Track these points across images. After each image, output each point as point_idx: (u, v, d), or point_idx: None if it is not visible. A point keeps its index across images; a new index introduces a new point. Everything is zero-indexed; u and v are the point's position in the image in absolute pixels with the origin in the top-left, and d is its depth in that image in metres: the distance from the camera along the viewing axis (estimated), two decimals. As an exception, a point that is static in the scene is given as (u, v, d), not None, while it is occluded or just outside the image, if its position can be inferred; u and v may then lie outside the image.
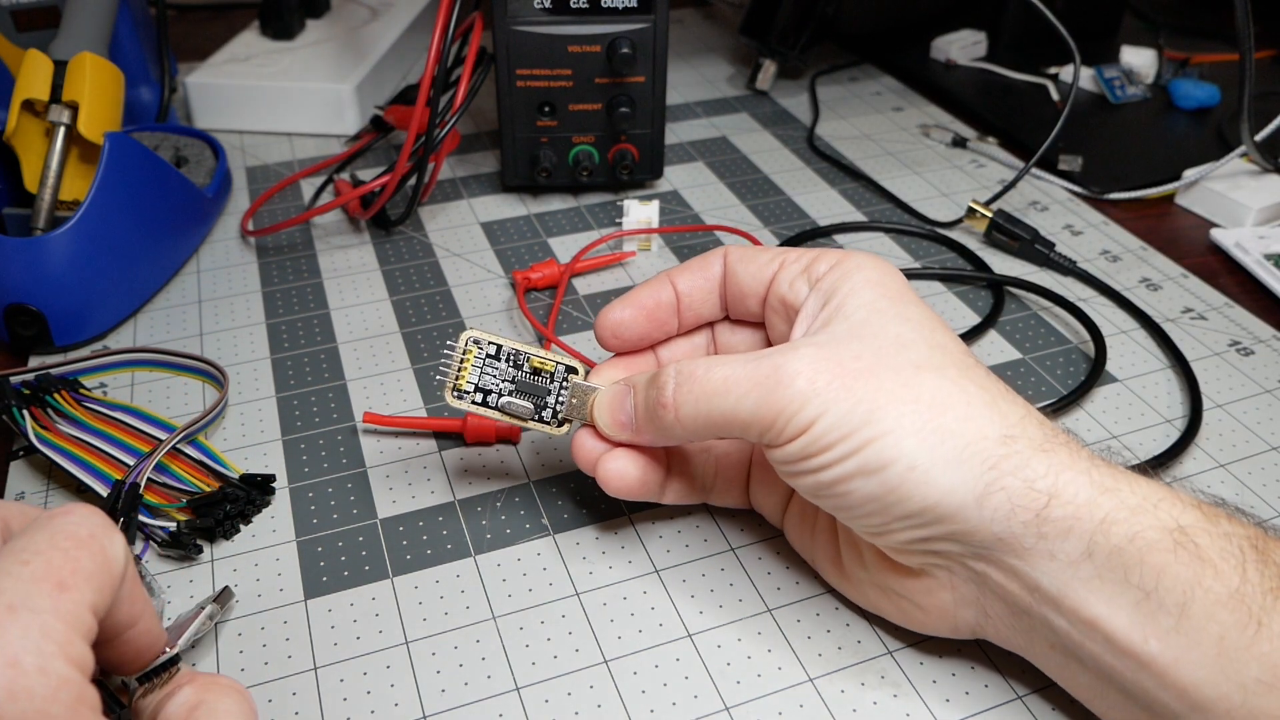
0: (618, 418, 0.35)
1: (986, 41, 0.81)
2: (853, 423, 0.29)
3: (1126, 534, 0.27)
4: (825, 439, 0.29)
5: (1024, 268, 0.55)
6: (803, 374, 0.30)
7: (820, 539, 0.36)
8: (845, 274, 0.33)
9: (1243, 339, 0.50)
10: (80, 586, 0.23)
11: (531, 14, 0.55)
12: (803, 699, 0.33)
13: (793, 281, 0.34)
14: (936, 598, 0.32)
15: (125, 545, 0.26)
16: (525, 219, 0.60)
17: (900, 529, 0.30)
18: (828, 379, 0.30)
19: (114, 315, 0.50)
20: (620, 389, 0.35)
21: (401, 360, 0.48)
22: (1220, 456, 0.42)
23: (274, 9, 0.74)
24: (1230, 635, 0.26)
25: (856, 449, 0.29)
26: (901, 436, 0.29)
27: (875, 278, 0.33)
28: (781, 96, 0.76)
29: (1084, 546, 0.28)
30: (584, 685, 0.33)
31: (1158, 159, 0.66)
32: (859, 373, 0.30)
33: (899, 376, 0.30)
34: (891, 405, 0.29)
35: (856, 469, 0.29)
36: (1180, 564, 0.27)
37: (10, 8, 0.59)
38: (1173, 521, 0.28)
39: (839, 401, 0.29)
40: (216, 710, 0.27)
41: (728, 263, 0.36)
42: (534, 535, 0.39)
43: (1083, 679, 0.30)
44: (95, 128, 0.49)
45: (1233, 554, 0.27)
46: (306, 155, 0.67)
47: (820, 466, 0.30)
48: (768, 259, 0.36)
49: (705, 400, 0.32)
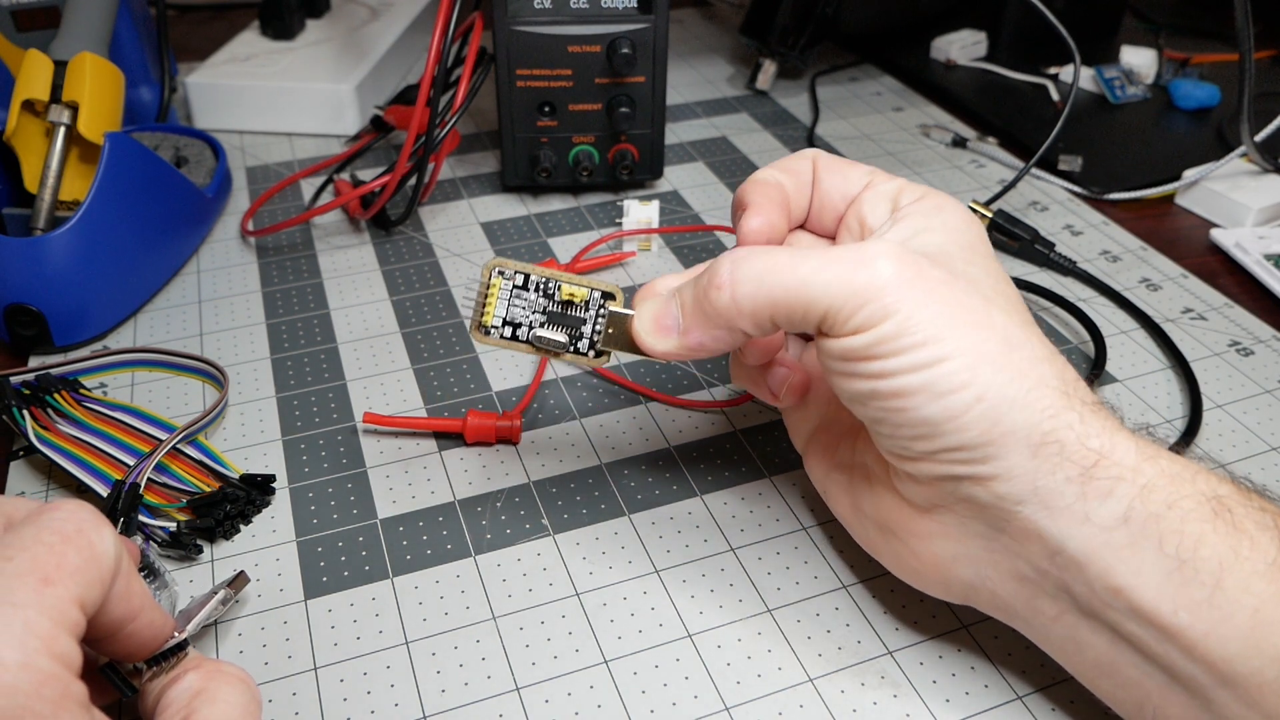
0: (662, 321, 0.32)
1: (986, 41, 0.81)
2: (929, 330, 0.27)
3: (1165, 501, 0.27)
4: (899, 340, 0.28)
5: (1024, 268, 0.55)
6: (889, 257, 0.28)
7: (837, 473, 0.35)
8: (930, 209, 0.32)
9: (1243, 339, 0.50)
10: (65, 581, 0.23)
11: (531, 14, 0.55)
12: (803, 699, 0.33)
13: (877, 202, 0.33)
14: (936, 546, 0.31)
15: (116, 540, 0.25)
16: (525, 219, 0.60)
17: (943, 459, 0.28)
18: (913, 274, 0.28)
19: (114, 315, 0.50)
20: (663, 297, 0.32)
21: (401, 360, 0.48)
22: (1220, 456, 0.42)
23: (274, 9, 0.74)
24: (1266, 608, 0.26)
25: (926, 364, 0.27)
26: (978, 362, 0.27)
27: (957, 222, 0.32)
28: (781, 96, 0.76)
29: (1123, 511, 0.27)
30: (584, 685, 0.33)
31: (1158, 159, 0.66)
32: (940, 281, 0.28)
33: (972, 301, 0.29)
34: (969, 325, 0.28)
35: (922, 385, 0.27)
36: (1218, 534, 0.26)
37: (10, 8, 0.59)
38: (1211, 491, 0.27)
39: (921, 303, 0.28)
40: (217, 698, 0.27)
41: (816, 167, 0.35)
42: (534, 535, 0.39)
43: (1089, 654, 0.29)
44: (95, 128, 0.49)
45: (1268, 526, 0.27)
46: (306, 155, 0.67)
47: (883, 373, 0.28)
48: (858, 175, 0.34)
49: (770, 275, 0.29)
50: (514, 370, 0.47)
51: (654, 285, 0.34)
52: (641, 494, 0.40)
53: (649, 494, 0.40)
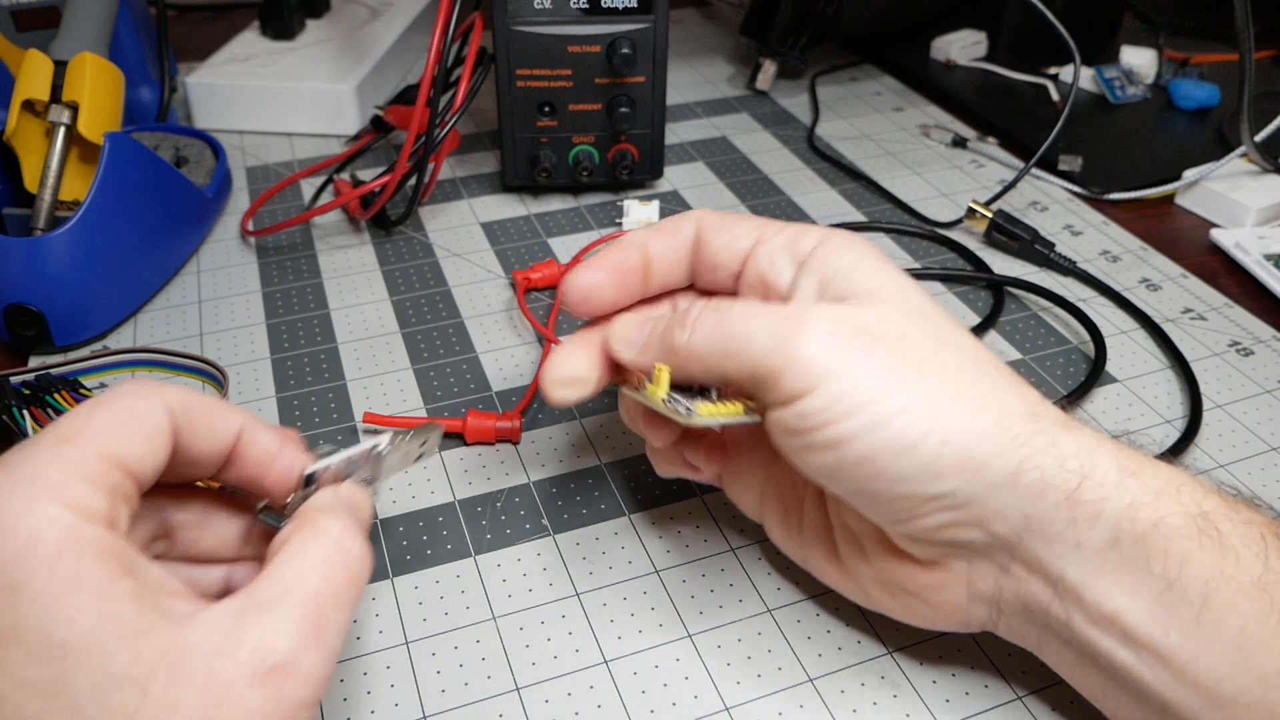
0: (631, 335, 0.32)
1: (986, 41, 0.81)
2: (876, 388, 0.27)
3: (1150, 520, 0.27)
4: (846, 402, 0.27)
5: (1024, 268, 0.55)
6: (825, 321, 0.28)
7: (811, 535, 0.34)
8: (837, 249, 0.31)
9: (1243, 339, 0.50)
10: (86, 438, 0.24)
11: (531, 14, 0.55)
12: (803, 699, 0.33)
13: (774, 257, 0.32)
14: (949, 593, 0.30)
15: (172, 393, 0.26)
16: (525, 219, 0.60)
17: (929, 512, 0.28)
18: (849, 334, 0.28)
19: (114, 315, 0.50)
20: (642, 317, 0.33)
21: (401, 360, 0.48)
22: (1220, 457, 0.42)
23: (274, 9, 0.74)
24: (1252, 626, 0.26)
25: (882, 420, 0.27)
26: (933, 406, 0.27)
27: (870, 253, 0.31)
28: (781, 96, 0.76)
29: (1111, 533, 0.27)
30: (584, 685, 0.33)
31: (1158, 159, 0.66)
32: (886, 337, 0.28)
33: (924, 348, 0.28)
34: (915, 374, 0.28)
35: (884, 444, 0.27)
36: (1204, 552, 0.26)
37: (10, 8, 0.59)
38: (1195, 507, 0.27)
39: (862, 360, 0.27)
40: (298, 556, 0.26)
41: (700, 229, 0.34)
42: (534, 535, 0.39)
43: (1094, 678, 0.29)
44: (95, 128, 0.49)
45: (1255, 540, 0.26)
46: (306, 155, 0.67)
47: (841, 440, 0.27)
48: (745, 230, 0.33)
49: (724, 325, 0.29)
50: (514, 370, 0.47)
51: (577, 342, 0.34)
52: (641, 494, 0.40)
53: (649, 494, 0.40)
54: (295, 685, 0.23)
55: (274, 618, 0.24)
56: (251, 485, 0.29)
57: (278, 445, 0.29)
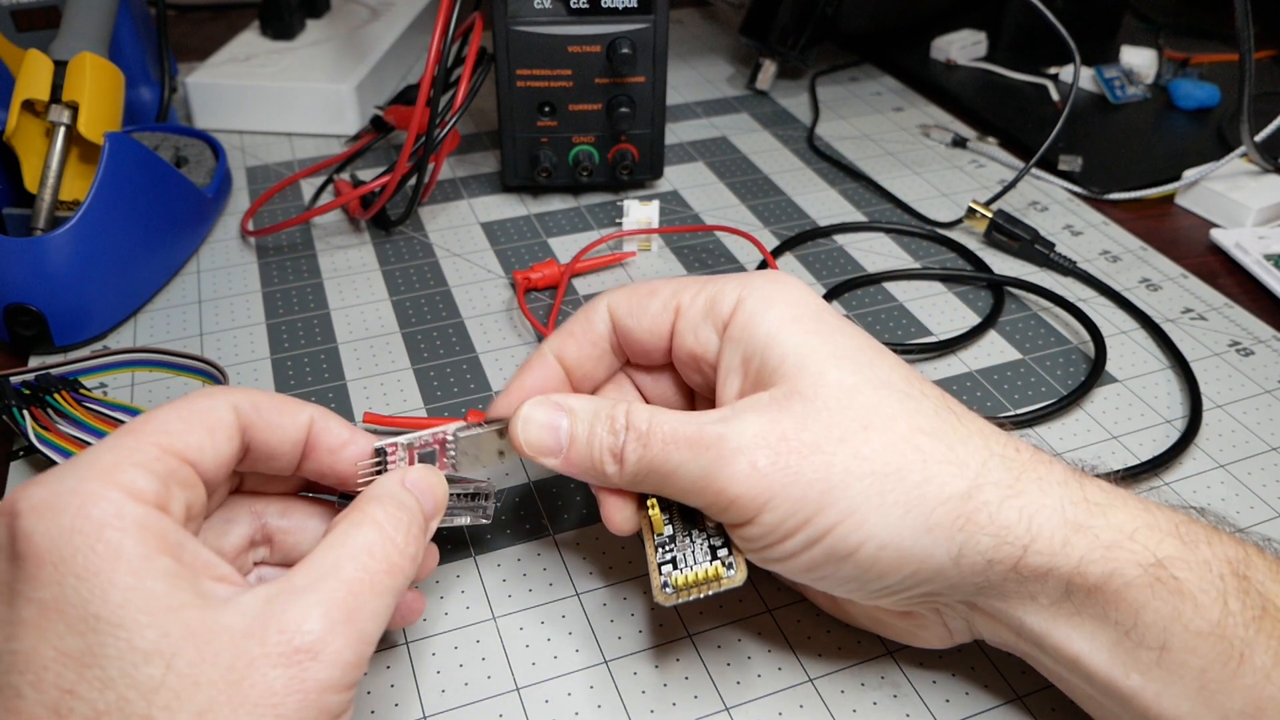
0: (547, 439, 0.31)
1: (986, 41, 0.81)
2: (807, 510, 0.28)
3: (1102, 573, 0.27)
4: (782, 527, 0.28)
5: (1024, 268, 0.55)
6: (744, 453, 0.28)
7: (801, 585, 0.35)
8: (754, 314, 0.30)
9: (1243, 339, 0.50)
10: (147, 432, 0.26)
11: (531, 14, 0.55)
12: (803, 699, 0.33)
13: (696, 331, 0.32)
14: (932, 630, 0.32)
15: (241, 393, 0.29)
16: (525, 219, 0.60)
17: (885, 594, 0.29)
18: (771, 459, 0.28)
19: (114, 315, 0.50)
20: (551, 407, 0.31)
21: (401, 360, 0.48)
22: (1220, 457, 0.42)
23: (274, 9, 0.74)
24: (1212, 669, 0.26)
25: (818, 536, 0.28)
26: (865, 516, 0.27)
27: (789, 312, 0.30)
28: (781, 96, 0.76)
29: (1062, 588, 0.27)
30: (584, 685, 0.33)
31: (1158, 159, 0.66)
32: (806, 447, 0.28)
33: (848, 446, 0.28)
34: (846, 482, 0.28)
35: (824, 556, 0.28)
36: (1159, 600, 0.26)
37: (10, 8, 0.59)
38: (1150, 556, 0.27)
39: (789, 486, 0.28)
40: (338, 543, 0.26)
41: (614, 317, 0.33)
42: (534, 535, 0.39)
43: (1078, 694, 0.30)
44: (95, 128, 0.49)
45: (1213, 584, 0.26)
46: (306, 155, 0.67)
47: (786, 555, 0.29)
48: (659, 308, 0.33)
49: (648, 459, 0.29)
50: (514, 370, 0.47)
51: None
52: (641, 494, 0.40)
53: (649, 494, 0.40)
54: (320, 667, 0.24)
55: (304, 602, 0.24)
56: (328, 475, 0.31)
57: (349, 433, 0.31)
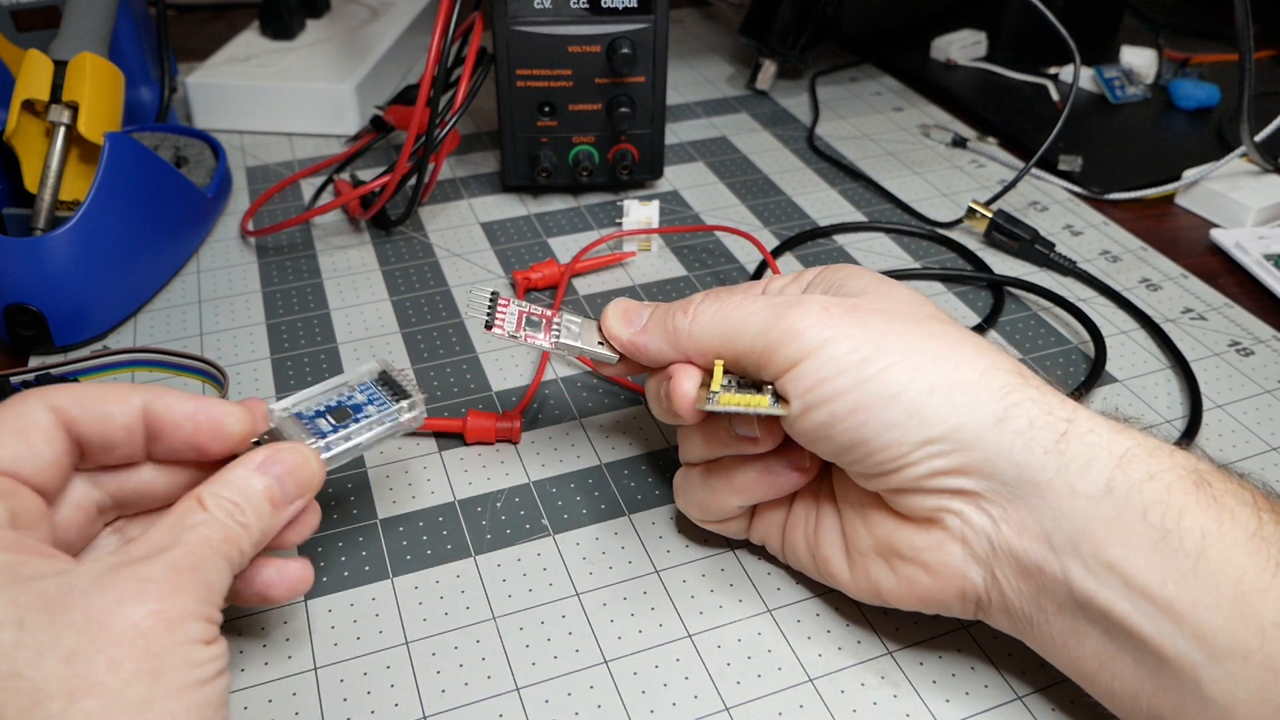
0: (630, 316, 0.35)
1: (986, 41, 0.81)
2: (867, 348, 0.30)
3: (1146, 472, 0.28)
4: (841, 361, 0.30)
5: (1024, 268, 0.55)
6: (817, 301, 0.32)
7: (823, 538, 0.34)
8: (834, 270, 0.35)
9: (1243, 339, 0.50)
10: None
11: (531, 14, 0.55)
12: (803, 699, 0.33)
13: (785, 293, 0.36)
14: (946, 553, 0.30)
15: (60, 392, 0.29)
16: (525, 219, 0.60)
17: (919, 459, 0.29)
18: (839, 310, 0.31)
19: (114, 315, 0.50)
20: (637, 303, 0.36)
21: (401, 360, 0.48)
22: (1220, 457, 0.42)
23: (274, 9, 0.74)
24: (1248, 578, 0.26)
25: (870, 376, 0.29)
26: (917, 362, 0.30)
27: (864, 271, 0.35)
28: (781, 96, 0.76)
29: (1105, 480, 0.28)
30: (584, 685, 0.33)
31: (1158, 159, 0.66)
32: (873, 312, 0.31)
33: (912, 322, 0.31)
34: (905, 339, 0.30)
35: (875, 394, 0.29)
36: (1200, 506, 0.27)
37: (10, 8, 0.59)
38: (1190, 465, 0.28)
39: (851, 329, 0.30)
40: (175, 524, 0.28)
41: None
42: (534, 535, 0.39)
43: (1090, 646, 0.29)
44: (95, 128, 0.49)
45: (1247, 501, 0.28)
46: (306, 155, 0.67)
47: (834, 394, 0.30)
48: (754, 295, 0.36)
49: (724, 310, 0.32)
50: (514, 370, 0.47)
51: None
52: (641, 494, 0.40)
53: (649, 494, 0.40)
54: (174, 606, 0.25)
55: (150, 565, 0.26)
56: (194, 449, 0.31)
57: (193, 407, 0.31)
